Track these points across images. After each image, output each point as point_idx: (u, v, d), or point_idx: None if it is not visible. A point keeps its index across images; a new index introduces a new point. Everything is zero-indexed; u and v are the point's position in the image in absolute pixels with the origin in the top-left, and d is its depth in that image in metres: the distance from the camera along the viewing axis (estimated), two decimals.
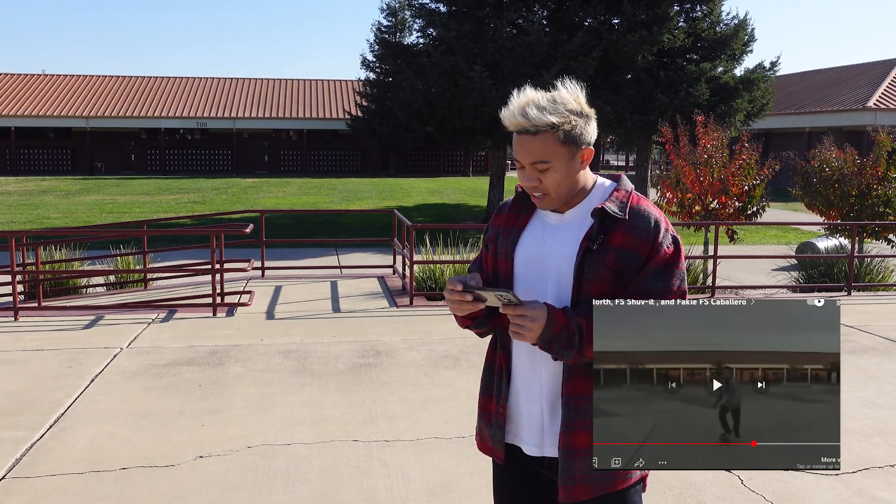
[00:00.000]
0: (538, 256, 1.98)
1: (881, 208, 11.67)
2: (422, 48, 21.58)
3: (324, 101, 47.77)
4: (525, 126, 1.88)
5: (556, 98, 1.90)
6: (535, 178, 1.92)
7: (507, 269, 2.02)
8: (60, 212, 22.69)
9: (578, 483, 1.93)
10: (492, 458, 2.13)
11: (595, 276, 1.89)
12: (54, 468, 4.10)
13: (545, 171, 1.90)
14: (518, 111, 1.88)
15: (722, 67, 21.41)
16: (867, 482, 3.98)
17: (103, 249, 14.12)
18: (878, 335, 7.21)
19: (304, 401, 5.21)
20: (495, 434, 2.06)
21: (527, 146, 1.90)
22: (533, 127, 1.87)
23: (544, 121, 1.86)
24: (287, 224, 20.25)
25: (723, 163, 11.37)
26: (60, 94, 45.63)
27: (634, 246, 1.89)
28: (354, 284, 9.94)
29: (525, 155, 1.91)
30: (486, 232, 2.17)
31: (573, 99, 1.91)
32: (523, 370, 2.02)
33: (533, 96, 1.90)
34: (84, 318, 7.74)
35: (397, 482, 3.96)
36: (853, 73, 38.21)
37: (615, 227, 1.90)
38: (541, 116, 1.86)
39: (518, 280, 2.01)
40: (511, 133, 1.95)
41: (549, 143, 1.88)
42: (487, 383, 2.11)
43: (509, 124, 1.91)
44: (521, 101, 1.90)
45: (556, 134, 1.87)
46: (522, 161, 1.92)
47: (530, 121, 1.86)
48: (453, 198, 29.99)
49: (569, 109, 1.89)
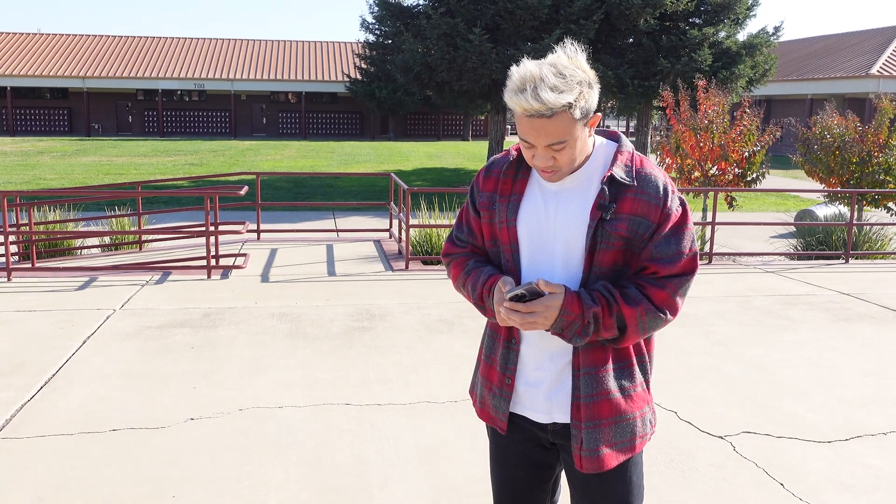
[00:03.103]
0: (542, 225, 1.92)
1: (882, 176, 11.61)
2: (421, 10, 21.29)
3: (323, 63, 47.33)
4: (540, 110, 1.72)
5: (564, 71, 1.74)
6: (549, 159, 1.81)
7: (511, 239, 1.94)
8: (56, 173, 22.57)
9: (606, 452, 1.92)
10: (490, 426, 2.11)
11: (608, 245, 1.86)
12: (45, 429, 4.08)
13: (561, 150, 1.80)
14: (531, 96, 1.71)
15: (724, 32, 21.16)
16: (860, 449, 3.97)
17: (98, 211, 14.07)
18: (875, 303, 7.19)
19: (297, 364, 5.19)
20: (499, 404, 2.02)
21: (543, 129, 1.75)
22: (549, 110, 1.72)
23: (561, 102, 1.71)
24: (284, 187, 20.16)
25: (723, 129, 11.27)
26: (56, 54, 45.16)
27: (644, 212, 1.85)
28: (350, 248, 9.89)
29: (540, 138, 1.77)
30: (472, 195, 2.07)
31: (579, 67, 1.77)
32: (532, 339, 1.97)
33: (538, 72, 1.73)
34: (78, 279, 7.71)
35: (388, 445, 3.95)
36: (857, 40, 37.82)
37: (624, 194, 1.86)
38: (558, 98, 1.71)
39: (523, 248, 1.95)
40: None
41: (565, 122, 1.75)
42: (491, 352, 2.05)
43: (521, 109, 1.74)
44: (526, 79, 1.73)
45: (572, 113, 1.75)
46: (536, 143, 1.79)
47: (546, 104, 1.71)
48: (452, 162, 29.84)
49: (578, 81, 1.75)
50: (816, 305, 7.07)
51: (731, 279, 8.23)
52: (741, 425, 4.26)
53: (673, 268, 1.87)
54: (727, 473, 3.69)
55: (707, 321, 6.44)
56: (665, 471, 3.71)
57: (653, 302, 1.86)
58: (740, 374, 5.13)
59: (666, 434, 4.11)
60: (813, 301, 7.25)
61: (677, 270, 1.87)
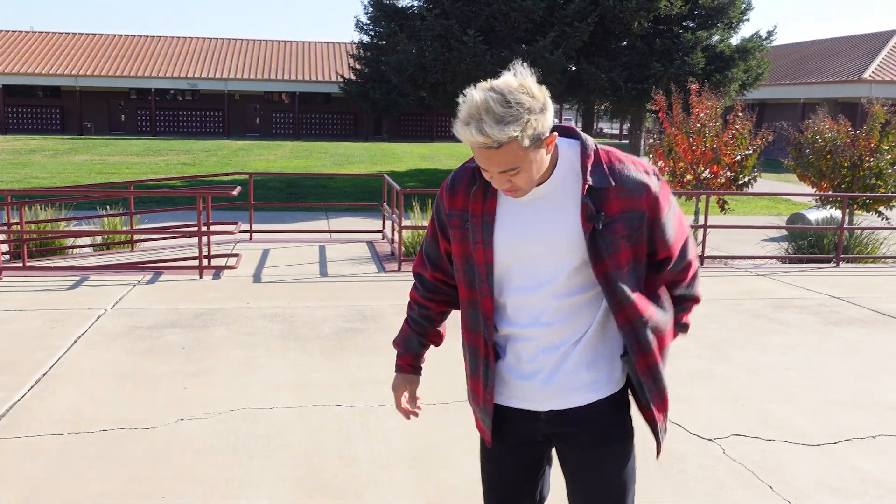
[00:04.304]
0: (522, 240, 1.90)
1: (873, 180, 11.66)
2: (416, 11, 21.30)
3: (317, 64, 47.29)
4: (486, 143, 1.70)
5: (509, 98, 1.69)
6: (506, 182, 1.80)
7: (487, 259, 1.92)
8: (48, 171, 22.48)
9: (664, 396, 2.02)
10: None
11: (614, 248, 1.86)
12: (34, 429, 4.07)
13: (516, 174, 1.78)
14: (475, 129, 1.69)
15: (718, 36, 21.24)
16: (848, 453, 3.99)
17: (90, 210, 14.02)
18: (866, 307, 7.22)
19: (289, 365, 5.19)
20: (484, 419, 2.05)
21: (492, 158, 1.74)
22: (495, 142, 1.70)
23: (507, 135, 1.68)
24: (277, 187, 20.13)
25: (716, 132, 11.31)
26: (49, 52, 44.99)
27: (633, 206, 1.87)
28: (343, 249, 9.89)
29: (492, 166, 1.76)
30: (439, 213, 2.05)
31: (527, 94, 1.72)
32: (523, 337, 1.97)
33: (482, 102, 1.69)
34: (69, 278, 7.68)
35: (379, 447, 3.95)
36: (849, 45, 37.99)
37: (607, 196, 1.86)
38: (501, 131, 1.68)
39: (500, 266, 1.94)
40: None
41: (514, 151, 1.72)
42: (474, 367, 2.05)
43: (466, 142, 1.73)
44: (471, 111, 1.70)
45: (521, 142, 1.71)
46: (489, 170, 1.78)
47: (490, 138, 1.69)
48: (445, 163, 29.85)
49: (526, 109, 1.70)
50: (807, 309, 7.10)
51: (722, 282, 8.26)
52: (731, 428, 4.28)
53: (679, 242, 1.99)
54: (716, 476, 3.71)
55: (698, 324, 6.46)
56: (654, 473, 3.72)
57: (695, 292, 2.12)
58: (730, 376, 5.15)
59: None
60: (803, 304, 7.28)
61: (683, 241, 2.01)
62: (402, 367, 2.21)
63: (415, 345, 2.19)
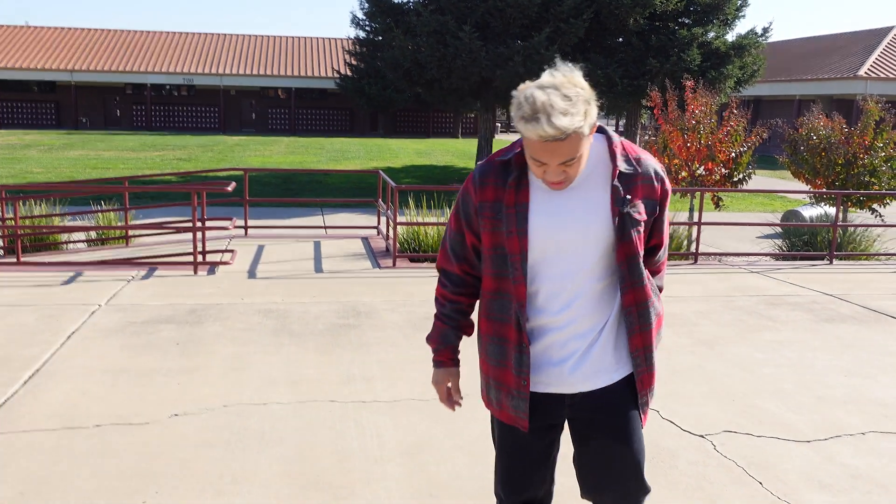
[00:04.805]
0: (556, 228, 2.02)
1: (867, 177, 11.69)
2: (412, 7, 21.27)
3: (313, 59, 47.22)
4: (555, 136, 1.83)
5: (566, 92, 1.84)
6: (561, 173, 1.92)
7: (521, 248, 2.02)
8: (43, 167, 22.44)
9: (651, 371, 2.17)
10: (496, 416, 2.24)
11: (636, 231, 2.03)
12: (27, 424, 4.07)
13: (572, 164, 1.91)
14: (546, 123, 1.81)
15: (714, 32, 21.25)
16: (838, 449, 4.02)
17: (85, 205, 14.01)
18: (858, 304, 7.25)
19: (282, 361, 5.20)
20: (519, 405, 2.11)
21: (557, 150, 1.86)
22: (563, 134, 1.83)
23: (574, 126, 1.83)
24: (273, 183, 20.12)
25: (711, 129, 11.33)
26: (44, 47, 44.85)
27: (649, 194, 2.06)
28: (338, 245, 9.90)
29: (554, 158, 1.88)
30: (466, 205, 2.13)
31: (578, 86, 1.87)
32: (548, 330, 2.09)
33: (546, 99, 1.83)
34: (63, 274, 7.68)
35: (372, 442, 3.97)
36: (845, 42, 38.03)
37: (634, 183, 2.03)
38: (570, 123, 1.82)
39: (534, 254, 2.04)
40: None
41: (577, 141, 1.86)
42: (501, 356, 2.13)
43: (535, 136, 1.84)
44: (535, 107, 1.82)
45: (582, 131, 1.86)
46: (549, 162, 1.89)
47: (560, 130, 1.81)
48: (441, 159, 29.85)
49: (584, 100, 1.86)
50: (800, 306, 7.13)
51: (716, 279, 8.28)
52: (722, 424, 4.30)
53: (667, 233, 2.22)
54: (707, 472, 3.73)
55: (691, 320, 6.48)
56: (645, 469, 3.73)
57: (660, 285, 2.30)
58: (722, 373, 5.17)
59: (647, 433, 4.15)
60: (796, 301, 7.31)
61: (667, 234, 2.23)
62: (443, 362, 2.30)
63: (451, 338, 2.29)
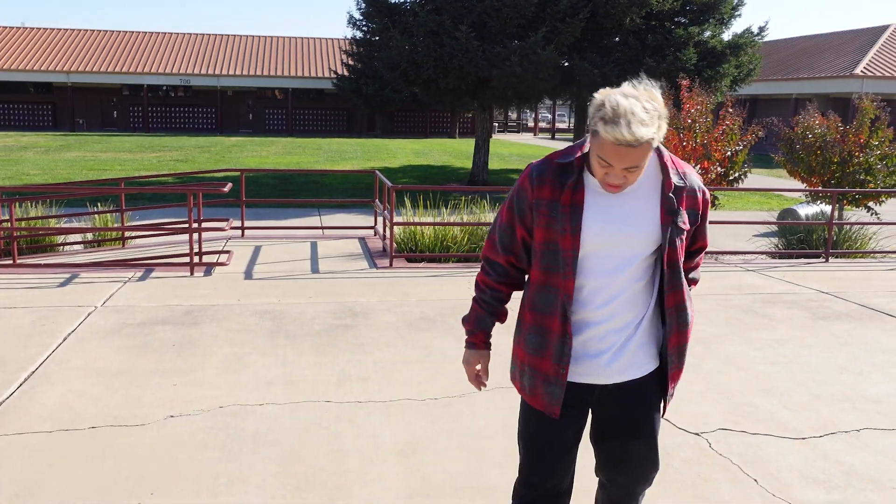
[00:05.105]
0: (607, 229, 2.15)
1: (862, 176, 11.72)
2: (408, 6, 21.26)
3: (310, 60, 47.20)
4: (631, 142, 1.95)
5: (646, 105, 1.98)
6: (622, 178, 2.04)
7: (574, 245, 2.15)
8: (40, 168, 22.42)
9: (681, 368, 2.35)
10: (526, 402, 2.37)
11: (681, 239, 2.20)
12: (23, 426, 4.07)
13: (635, 171, 2.03)
14: (626, 129, 1.93)
15: (710, 32, 21.26)
16: (833, 446, 4.03)
17: (81, 207, 13.99)
18: (853, 301, 7.27)
19: (278, 361, 5.20)
20: (554, 392, 2.24)
21: (627, 156, 1.98)
22: (637, 142, 1.95)
23: (649, 136, 1.96)
24: (270, 184, 20.12)
25: (706, 128, 11.34)
26: (41, 48, 44.79)
27: (693, 205, 2.23)
28: (335, 245, 9.90)
29: (622, 162, 2.00)
30: (521, 201, 2.24)
31: (658, 101, 2.01)
32: (589, 324, 2.23)
33: (629, 106, 1.95)
34: (59, 275, 7.68)
35: (367, 443, 3.97)
36: (841, 40, 38.08)
37: (682, 195, 2.19)
38: (647, 131, 1.95)
39: (584, 251, 2.17)
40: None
41: (646, 150, 1.99)
42: (541, 346, 2.24)
43: (612, 139, 1.96)
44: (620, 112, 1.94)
45: (653, 143, 1.99)
46: (616, 165, 2.01)
47: (637, 138, 1.94)
48: (439, 159, 29.86)
49: (659, 115, 2.00)
50: (796, 304, 7.14)
51: (712, 277, 8.29)
52: (717, 422, 4.31)
53: (708, 235, 2.41)
54: (702, 470, 3.74)
55: None
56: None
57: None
58: (718, 371, 5.18)
59: None
60: (792, 299, 7.32)
61: (708, 237, 2.43)
62: (476, 344, 2.43)
63: (487, 323, 2.42)
